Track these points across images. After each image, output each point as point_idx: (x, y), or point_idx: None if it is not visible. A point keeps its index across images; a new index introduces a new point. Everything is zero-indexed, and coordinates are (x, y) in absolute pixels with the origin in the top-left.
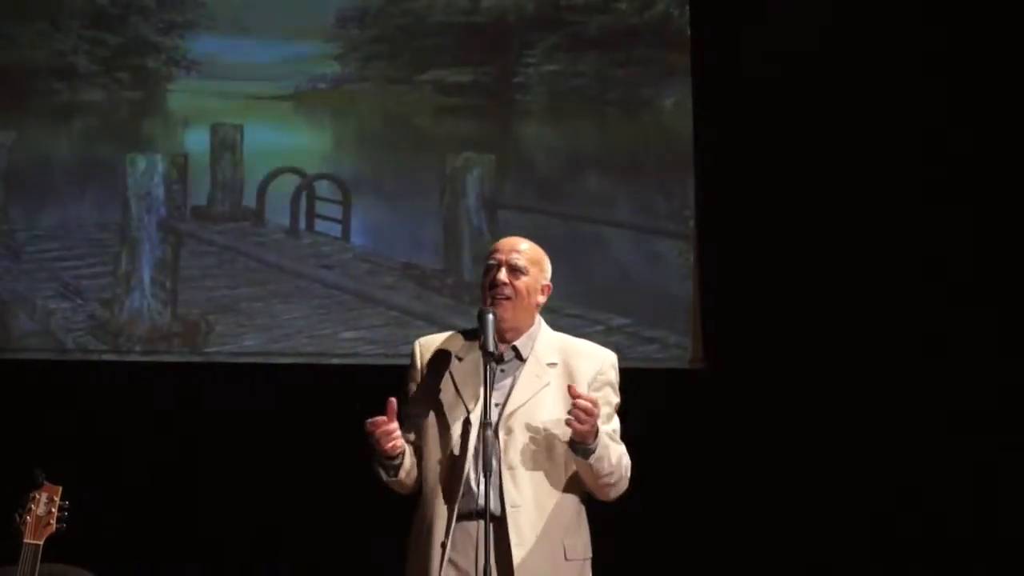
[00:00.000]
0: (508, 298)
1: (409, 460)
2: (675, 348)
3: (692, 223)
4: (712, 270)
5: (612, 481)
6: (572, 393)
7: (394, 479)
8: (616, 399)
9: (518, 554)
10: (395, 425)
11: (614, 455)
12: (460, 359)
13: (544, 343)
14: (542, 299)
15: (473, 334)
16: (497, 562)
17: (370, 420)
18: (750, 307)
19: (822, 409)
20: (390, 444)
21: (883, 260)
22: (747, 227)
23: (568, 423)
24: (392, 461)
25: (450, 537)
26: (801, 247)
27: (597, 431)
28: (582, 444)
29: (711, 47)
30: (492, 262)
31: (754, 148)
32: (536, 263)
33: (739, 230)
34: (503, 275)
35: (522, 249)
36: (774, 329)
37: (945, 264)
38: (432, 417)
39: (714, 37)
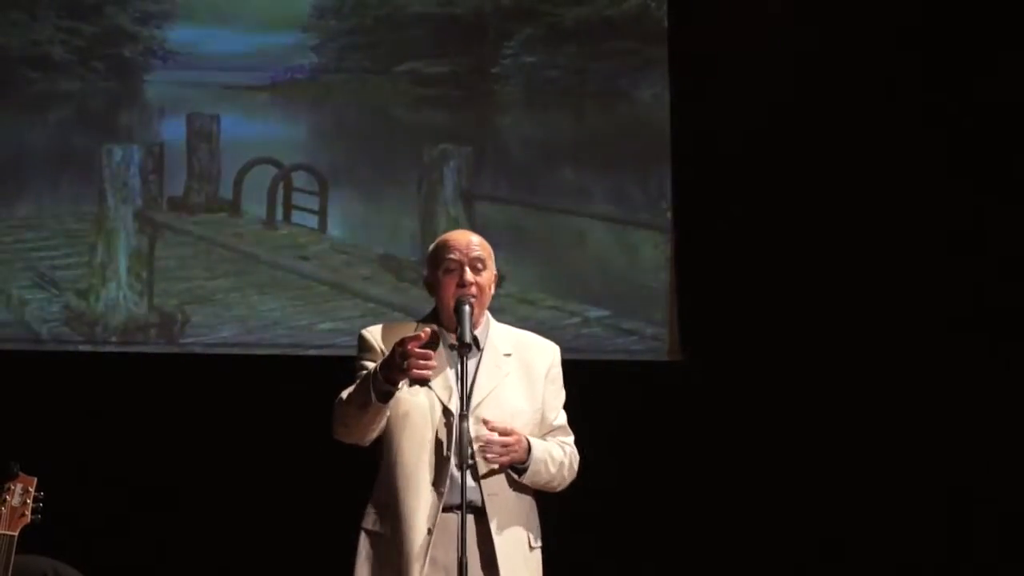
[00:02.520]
0: (475, 297)
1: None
2: (652, 340)
3: (669, 214)
4: (689, 261)
5: (554, 485)
6: (490, 430)
7: (375, 405)
8: (563, 393)
9: (500, 543)
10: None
11: (552, 462)
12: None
13: (497, 333)
14: (493, 290)
15: (425, 323)
16: (482, 552)
17: (410, 340)
18: (727, 298)
19: (801, 400)
20: (420, 370)
21: (860, 250)
22: (724, 218)
23: (494, 461)
24: (393, 386)
25: (433, 531)
26: (778, 238)
27: (529, 447)
28: (518, 464)
29: (688, 39)
30: (452, 259)
31: (731, 139)
32: (490, 255)
33: (716, 221)
34: (469, 275)
35: (479, 244)
36: (752, 320)
37: (923, 254)
38: (401, 410)
39: (691, 29)
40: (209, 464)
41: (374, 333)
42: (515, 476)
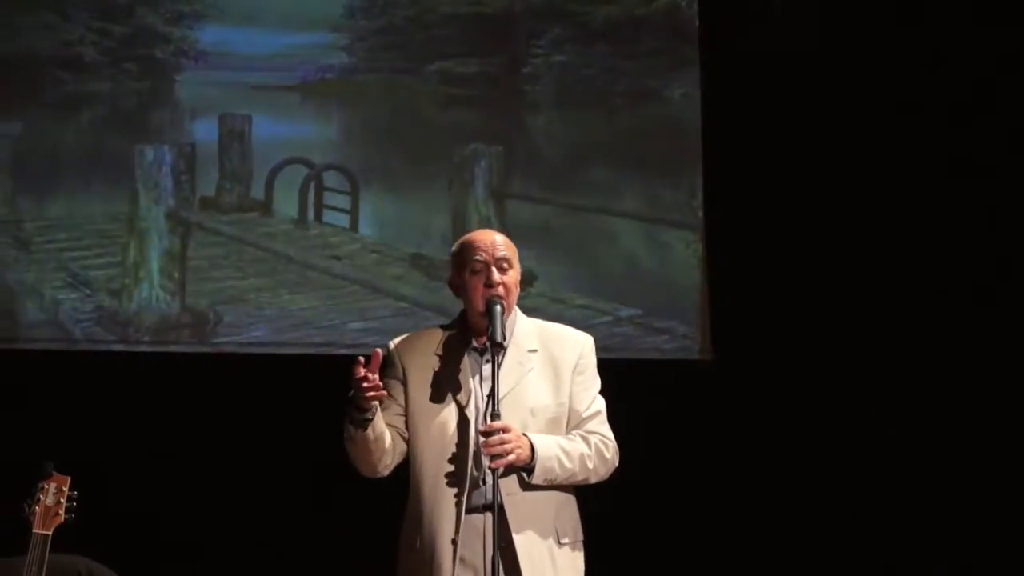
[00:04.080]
0: (502, 297)
1: (380, 431)
2: (684, 339)
3: (700, 214)
4: (720, 260)
5: (580, 479)
6: (485, 431)
7: (358, 435)
8: (596, 384)
9: (520, 541)
10: (376, 376)
11: (568, 457)
12: (441, 355)
13: (522, 329)
14: (519, 288)
15: (452, 327)
16: (503, 551)
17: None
18: (758, 297)
19: (831, 399)
20: (369, 394)
21: (892, 250)
22: (755, 217)
23: (497, 463)
24: (364, 413)
25: (459, 533)
26: (809, 237)
27: (533, 449)
28: (524, 465)
29: (719, 38)
30: (478, 260)
31: (762, 139)
32: (515, 254)
33: (747, 220)
34: (496, 275)
35: (504, 244)
36: (782, 319)
37: (958, 259)
38: (424, 416)
39: (722, 28)
40: (241, 463)
41: (397, 347)
42: (524, 477)
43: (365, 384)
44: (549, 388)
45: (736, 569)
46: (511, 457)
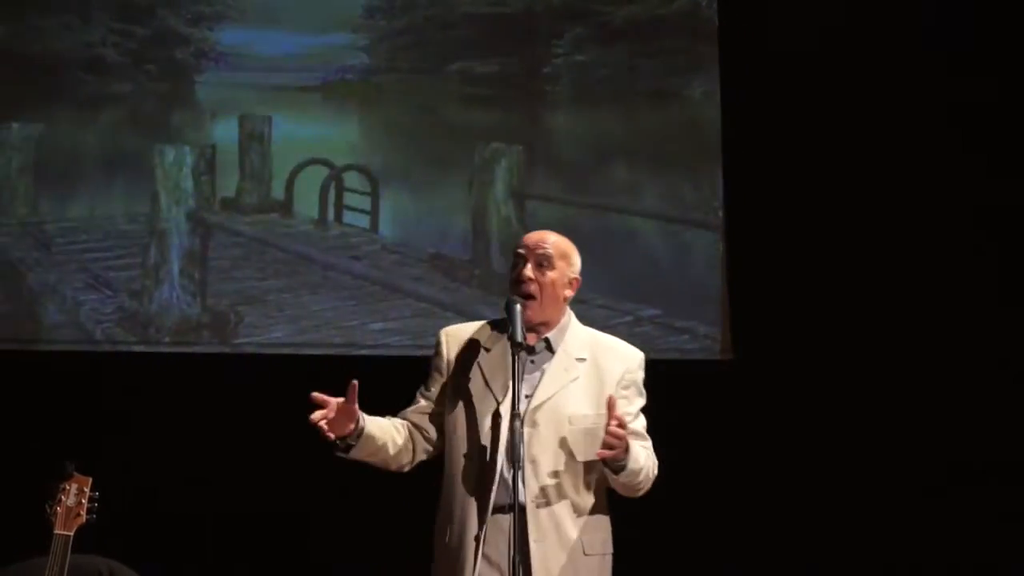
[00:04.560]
0: (532, 295)
1: (374, 448)
2: (705, 339)
3: (720, 213)
4: (741, 260)
5: (640, 487)
6: (610, 405)
7: (343, 455)
8: (642, 399)
9: (536, 548)
10: (334, 409)
11: (643, 462)
12: (488, 350)
13: (574, 337)
14: (570, 292)
15: (502, 325)
16: (521, 555)
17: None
18: (779, 296)
19: (852, 399)
20: (331, 432)
21: (914, 249)
22: (776, 216)
23: (601, 454)
24: (342, 441)
25: (483, 530)
26: (830, 236)
27: (628, 447)
28: (614, 461)
29: (739, 37)
30: (518, 253)
31: (783, 138)
32: (564, 256)
33: (768, 219)
34: (529, 270)
35: (550, 242)
36: (803, 318)
37: (982, 257)
38: (461, 409)
39: (742, 27)
40: (262, 464)
41: (449, 335)
42: (609, 473)
43: (323, 425)
44: (591, 399)
45: (757, 569)
46: (618, 452)
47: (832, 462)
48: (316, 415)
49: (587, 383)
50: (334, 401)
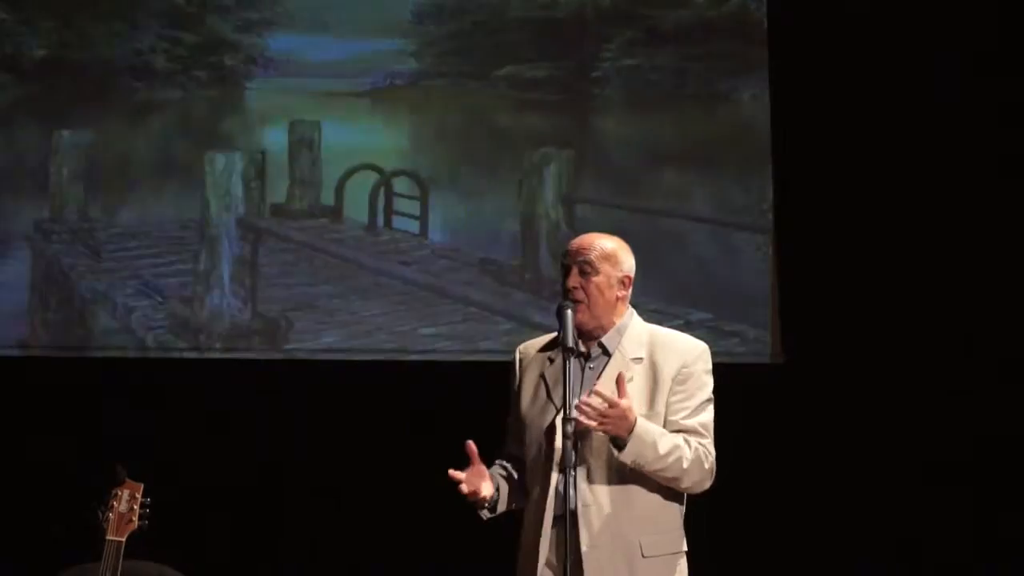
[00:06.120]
0: (580, 302)
1: (508, 501)
2: (755, 342)
3: (770, 216)
4: (791, 264)
5: (667, 475)
6: (619, 381)
7: (491, 517)
8: (703, 393)
9: (589, 554)
10: (474, 476)
11: (664, 447)
12: (552, 360)
13: (632, 337)
14: (622, 292)
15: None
16: (573, 563)
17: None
18: (829, 300)
19: (902, 402)
20: (478, 497)
21: (965, 251)
22: (825, 220)
23: (585, 425)
24: (485, 507)
25: (544, 539)
26: (880, 239)
27: (632, 427)
28: (616, 439)
29: (788, 40)
30: (563, 263)
31: (832, 141)
32: (607, 258)
33: (817, 223)
34: (573, 279)
35: (591, 247)
36: (853, 322)
37: None
38: (530, 422)
39: (791, 30)
40: (314, 469)
41: (522, 352)
42: (615, 451)
43: (468, 490)
44: (645, 398)
45: (807, 571)
46: (593, 424)
47: (883, 466)
48: (462, 488)
49: (642, 383)
50: (466, 473)
